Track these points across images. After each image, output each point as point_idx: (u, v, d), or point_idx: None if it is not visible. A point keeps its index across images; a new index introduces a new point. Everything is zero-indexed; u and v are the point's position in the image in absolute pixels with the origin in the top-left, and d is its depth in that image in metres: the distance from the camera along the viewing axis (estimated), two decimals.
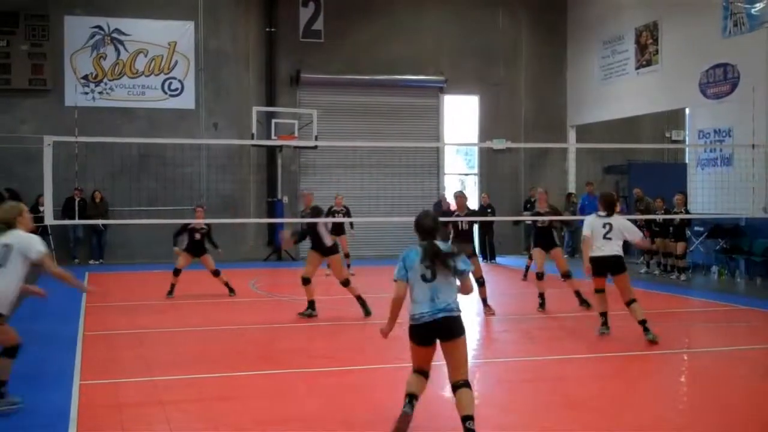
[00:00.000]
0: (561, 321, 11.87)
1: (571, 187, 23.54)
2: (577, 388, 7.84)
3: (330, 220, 17.20)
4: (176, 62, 21.76)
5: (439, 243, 6.02)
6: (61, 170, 13.36)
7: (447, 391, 7.66)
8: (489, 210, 20.70)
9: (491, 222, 20.66)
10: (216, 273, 14.18)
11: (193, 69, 21.84)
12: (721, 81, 18.08)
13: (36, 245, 6.98)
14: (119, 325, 11.33)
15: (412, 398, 6.06)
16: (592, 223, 10.30)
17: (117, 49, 21.35)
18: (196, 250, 14.19)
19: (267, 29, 22.29)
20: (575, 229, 21.04)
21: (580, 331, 10.94)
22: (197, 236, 14.17)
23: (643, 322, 9.83)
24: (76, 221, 17.96)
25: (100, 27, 21.22)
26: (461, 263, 5.98)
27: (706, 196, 17.58)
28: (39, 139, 12.11)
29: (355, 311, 12.05)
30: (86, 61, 21.12)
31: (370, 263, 19.21)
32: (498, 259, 21.41)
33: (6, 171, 19.31)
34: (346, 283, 12.06)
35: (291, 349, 9.71)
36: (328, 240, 12.15)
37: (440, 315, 5.89)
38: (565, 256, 21.75)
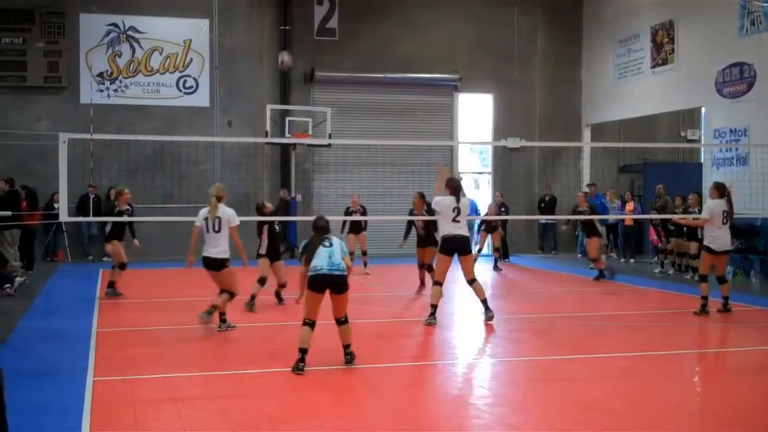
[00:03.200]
0: (573, 321, 11.82)
1: (586, 187, 23.45)
2: (589, 388, 7.80)
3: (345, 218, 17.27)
4: (191, 60, 21.80)
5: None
6: (76, 167, 13.40)
7: (455, 392, 7.67)
8: (503, 209, 20.64)
9: (505, 221, 20.65)
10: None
11: (207, 67, 21.88)
12: (737, 80, 17.97)
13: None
14: (132, 322, 11.37)
15: (304, 353, 8.15)
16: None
17: (132, 47, 21.41)
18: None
19: (281, 27, 22.29)
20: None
21: (592, 331, 10.90)
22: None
23: None
24: (91, 218, 18.03)
25: (115, 25, 21.29)
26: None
27: None
28: (54, 136, 12.15)
29: (368, 310, 12.06)
30: (101, 58, 21.19)
31: (383, 261, 19.22)
32: (512, 258, 21.35)
33: (22, 168, 19.38)
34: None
35: None
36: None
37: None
38: (580, 255, 21.80)
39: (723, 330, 11.46)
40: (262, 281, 12.38)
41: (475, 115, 24.01)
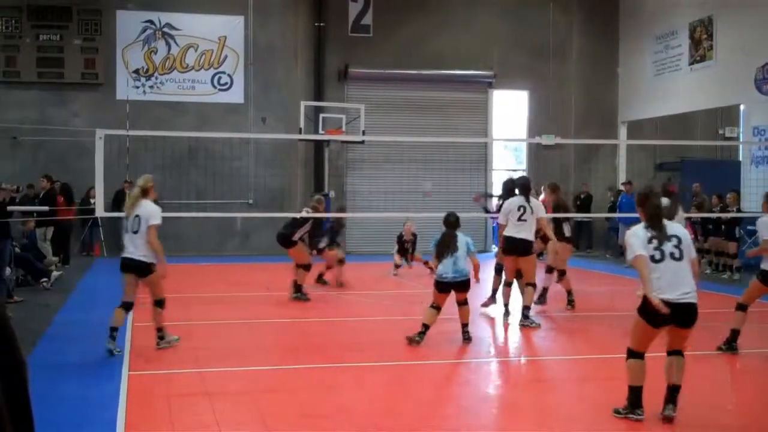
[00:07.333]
0: (607, 320, 11.69)
1: (622, 185, 23.23)
2: (623, 387, 7.69)
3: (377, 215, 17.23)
4: (226, 57, 21.90)
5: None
6: (112, 163, 13.54)
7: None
8: None
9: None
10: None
11: (242, 63, 21.96)
12: None
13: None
14: (168, 317, 11.38)
15: (426, 328, 9.35)
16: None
17: (168, 44, 21.55)
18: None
19: (316, 24, 22.33)
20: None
21: (626, 330, 10.76)
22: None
23: None
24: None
25: (151, 21, 21.45)
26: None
27: (760, 194, 17.18)
28: (91, 132, 12.27)
29: (404, 308, 12.03)
30: (137, 55, 21.36)
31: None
32: (545, 256, 21.15)
33: (59, 163, 19.61)
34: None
35: (337, 343, 9.71)
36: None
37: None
38: (608, 255, 21.58)
39: (760, 331, 11.27)
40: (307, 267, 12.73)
41: (509, 112, 23.87)
